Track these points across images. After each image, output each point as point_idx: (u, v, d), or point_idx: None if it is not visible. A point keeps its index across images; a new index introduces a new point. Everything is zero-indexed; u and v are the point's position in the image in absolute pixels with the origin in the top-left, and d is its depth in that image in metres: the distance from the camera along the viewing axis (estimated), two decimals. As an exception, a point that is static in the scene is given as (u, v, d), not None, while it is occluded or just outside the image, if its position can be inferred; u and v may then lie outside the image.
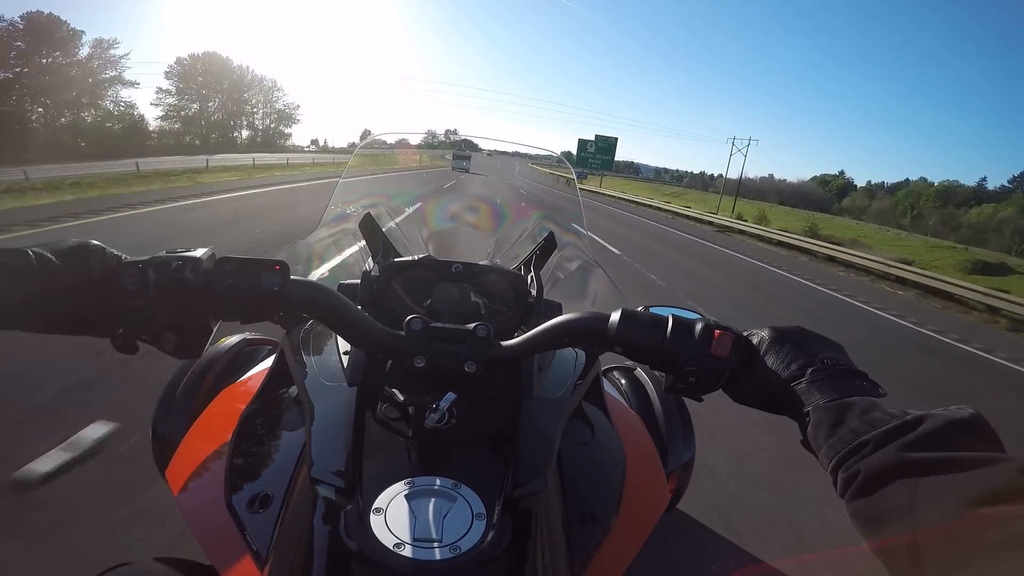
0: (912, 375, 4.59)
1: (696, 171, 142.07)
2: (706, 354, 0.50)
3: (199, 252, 0.50)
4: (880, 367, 3.73)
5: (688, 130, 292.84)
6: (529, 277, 0.89)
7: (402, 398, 0.58)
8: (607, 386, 1.01)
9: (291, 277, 0.52)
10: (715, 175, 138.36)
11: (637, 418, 0.98)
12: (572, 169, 1.62)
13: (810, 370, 0.47)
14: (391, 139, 1.52)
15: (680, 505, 1.20)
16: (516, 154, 2.11)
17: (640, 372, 1.21)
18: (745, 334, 0.53)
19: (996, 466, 0.33)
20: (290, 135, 57.72)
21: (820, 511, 2.08)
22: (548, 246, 1.03)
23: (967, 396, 4.20)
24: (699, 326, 0.51)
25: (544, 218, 1.14)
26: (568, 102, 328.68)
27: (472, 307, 0.81)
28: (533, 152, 1.58)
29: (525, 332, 0.59)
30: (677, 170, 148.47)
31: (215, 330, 0.52)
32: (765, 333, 0.52)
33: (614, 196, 29.36)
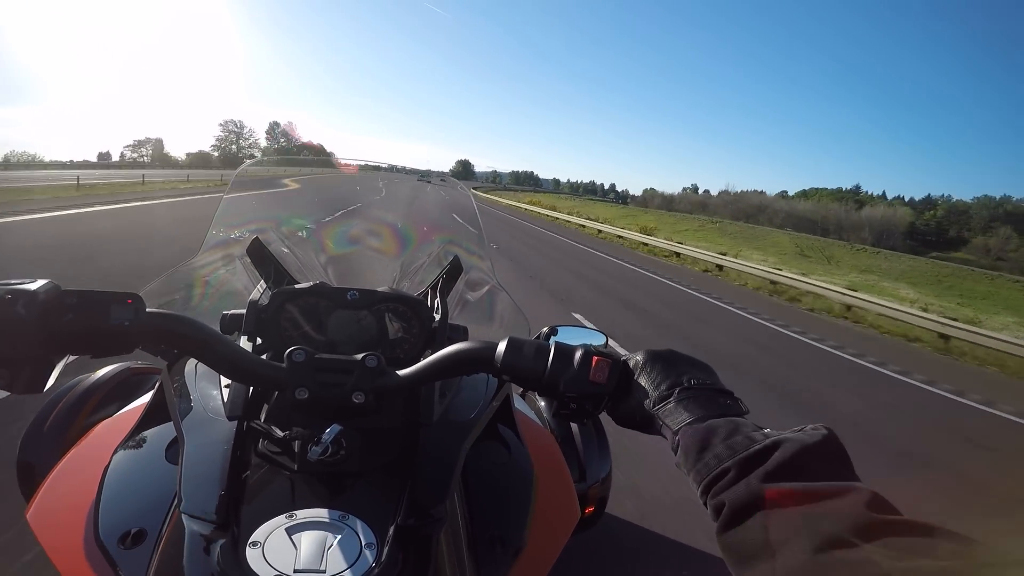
0: None
1: (586, 180, 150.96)
2: (585, 380, 0.51)
3: (35, 284, 0.47)
4: None
5: (582, 143, 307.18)
6: (435, 303, 0.88)
7: (284, 431, 0.57)
8: (522, 406, 1.02)
9: (148, 310, 0.50)
10: (604, 185, 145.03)
11: (550, 436, 1.00)
12: (461, 184, 1.61)
13: (677, 390, 0.48)
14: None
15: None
16: (393, 168, 2.01)
17: None
18: (623, 359, 0.54)
19: (845, 498, 0.35)
20: None
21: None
22: (454, 270, 1.03)
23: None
24: (579, 354, 0.52)
25: (449, 242, 1.15)
26: (446, 116, 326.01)
27: (371, 335, 0.79)
28: (407, 168, 1.56)
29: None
30: (568, 180, 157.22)
31: (61, 364, 0.50)
32: (640, 356, 0.53)
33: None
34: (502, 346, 0.54)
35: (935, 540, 0.30)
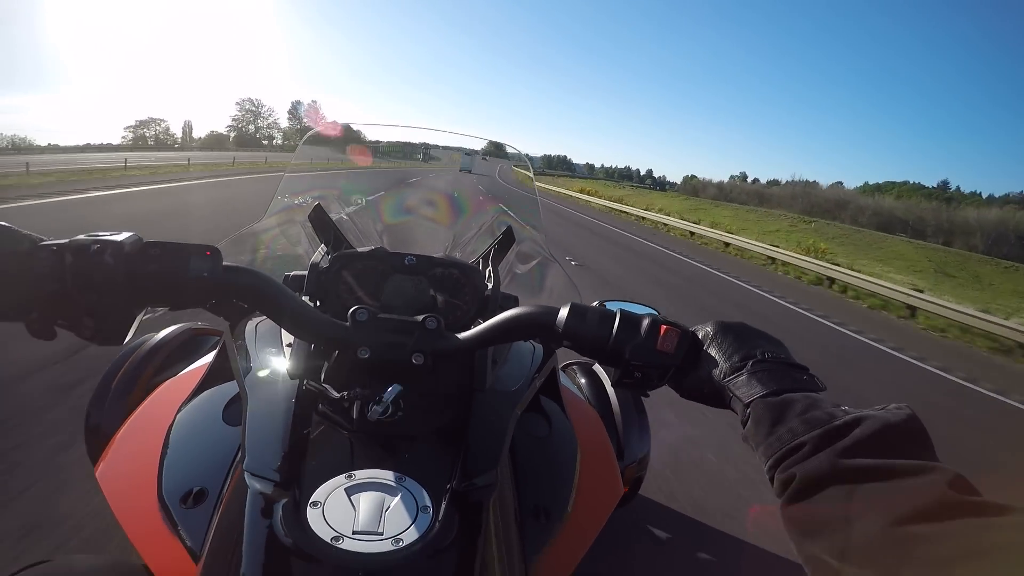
0: None
1: (620, 166, 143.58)
2: (652, 350, 0.50)
3: (122, 236, 0.48)
4: None
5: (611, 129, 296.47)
6: (487, 271, 0.89)
7: (346, 391, 0.57)
8: (566, 381, 1.04)
9: (224, 263, 0.50)
10: (639, 171, 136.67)
11: (594, 413, 1.01)
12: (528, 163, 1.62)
13: (751, 362, 0.46)
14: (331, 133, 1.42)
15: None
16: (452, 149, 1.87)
17: (598, 368, 1.23)
18: (692, 329, 0.52)
19: (926, 477, 0.33)
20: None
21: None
22: (506, 240, 1.03)
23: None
24: (646, 322, 0.51)
25: (502, 212, 1.15)
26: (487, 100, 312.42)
27: (426, 300, 0.80)
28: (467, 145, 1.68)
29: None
30: (603, 166, 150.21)
31: (140, 317, 0.51)
32: (710, 327, 0.52)
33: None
34: (564, 311, 0.53)
35: (1018, 521, 0.29)
